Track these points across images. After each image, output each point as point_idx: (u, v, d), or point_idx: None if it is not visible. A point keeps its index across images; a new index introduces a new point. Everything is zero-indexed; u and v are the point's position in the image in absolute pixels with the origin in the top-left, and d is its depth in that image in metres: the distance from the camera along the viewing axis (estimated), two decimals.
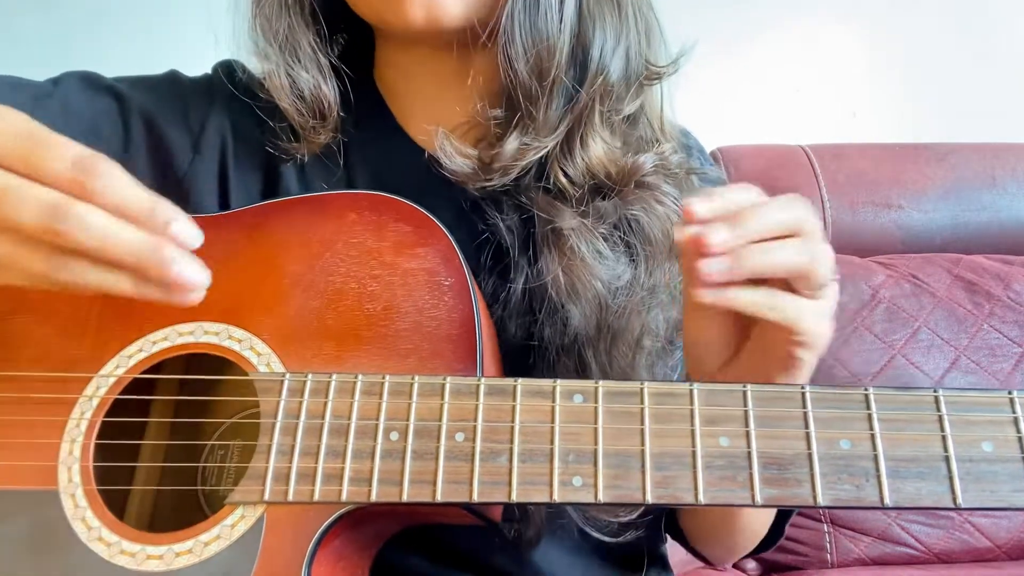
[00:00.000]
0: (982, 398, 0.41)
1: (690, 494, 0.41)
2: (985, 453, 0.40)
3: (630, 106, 0.60)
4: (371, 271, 0.50)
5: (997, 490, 0.39)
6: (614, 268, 0.56)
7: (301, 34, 0.61)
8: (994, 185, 1.27)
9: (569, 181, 0.57)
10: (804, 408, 0.42)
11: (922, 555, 1.11)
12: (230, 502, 0.44)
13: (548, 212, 0.57)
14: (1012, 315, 1.18)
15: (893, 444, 0.40)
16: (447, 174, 0.57)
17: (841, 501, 0.40)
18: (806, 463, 0.41)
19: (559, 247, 0.55)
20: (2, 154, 0.37)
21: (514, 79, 0.56)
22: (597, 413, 0.43)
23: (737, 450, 0.41)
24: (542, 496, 0.42)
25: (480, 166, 0.57)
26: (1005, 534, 1.11)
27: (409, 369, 0.47)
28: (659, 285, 0.57)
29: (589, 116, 0.57)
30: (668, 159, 0.60)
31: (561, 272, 0.55)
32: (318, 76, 0.60)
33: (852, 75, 1.58)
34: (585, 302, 0.55)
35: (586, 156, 0.57)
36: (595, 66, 0.57)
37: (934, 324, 1.17)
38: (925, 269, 1.21)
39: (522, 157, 0.57)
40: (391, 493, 0.43)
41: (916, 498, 0.39)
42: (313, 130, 0.60)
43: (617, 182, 0.58)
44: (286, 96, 0.60)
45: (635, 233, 0.57)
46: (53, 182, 0.37)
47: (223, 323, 0.49)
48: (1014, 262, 1.24)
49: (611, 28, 0.58)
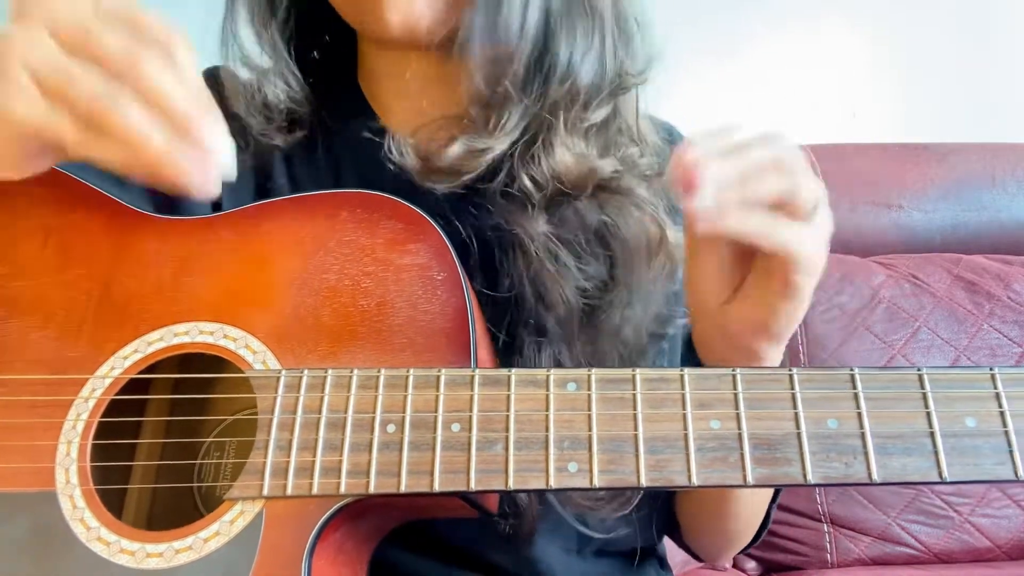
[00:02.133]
0: (964, 375, 0.42)
1: (683, 476, 0.42)
2: (969, 428, 0.41)
3: (599, 112, 0.59)
4: (364, 268, 0.50)
5: (981, 463, 0.40)
6: (584, 272, 0.56)
7: (271, 37, 0.62)
8: (994, 185, 1.28)
9: (535, 186, 0.57)
10: (792, 389, 0.43)
11: (922, 555, 1.11)
12: (229, 498, 0.44)
13: (513, 219, 0.57)
14: (1012, 315, 1.19)
15: (879, 422, 0.42)
16: (392, 168, 0.57)
17: (830, 479, 0.41)
18: (795, 443, 0.41)
19: (525, 255, 0.56)
20: (61, 35, 0.38)
21: (469, 83, 0.56)
22: (591, 400, 0.44)
23: (728, 432, 0.42)
24: (538, 483, 0.42)
25: (425, 165, 0.57)
26: (1005, 534, 1.12)
27: (404, 363, 0.47)
28: (637, 283, 0.57)
29: (553, 122, 0.57)
30: (635, 163, 0.60)
31: (527, 281, 0.55)
32: (285, 78, 0.61)
33: (852, 75, 1.59)
34: (556, 309, 0.55)
35: (551, 162, 0.57)
36: (560, 73, 0.57)
37: (934, 324, 1.18)
38: (925, 269, 1.22)
39: (469, 159, 0.57)
40: (389, 484, 0.43)
41: (903, 474, 0.40)
42: (279, 131, 0.61)
43: (577, 186, 0.57)
44: (243, 99, 0.61)
45: (612, 235, 0.58)
46: (102, 67, 0.38)
47: (218, 322, 0.50)
48: (1014, 262, 1.24)
49: (582, 35, 0.57)
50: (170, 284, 0.51)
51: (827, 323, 1.16)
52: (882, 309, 1.18)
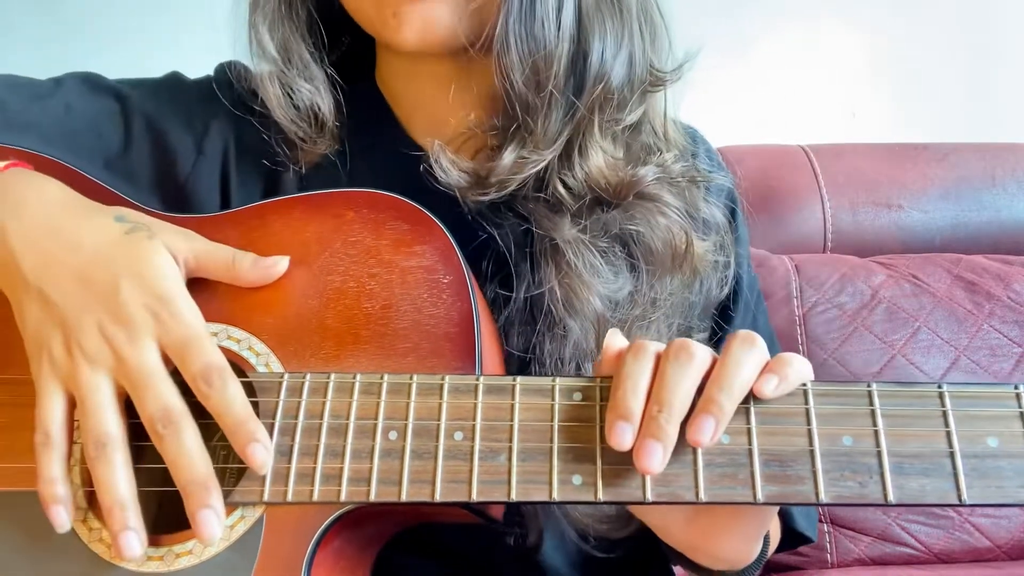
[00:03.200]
0: (987, 392, 0.40)
1: (690, 492, 0.40)
2: (991, 448, 0.39)
3: (633, 114, 0.58)
4: (369, 270, 0.49)
5: (1003, 486, 0.39)
6: (613, 283, 0.55)
7: (298, 44, 0.60)
8: (994, 185, 1.27)
9: (568, 192, 0.56)
10: (806, 404, 0.41)
11: (922, 555, 1.10)
12: (229, 503, 0.44)
13: (546, 224, 0.55)
14: (1012, 315, 1.18)
15: (896, 440, 0.40)
16: (437, 187, 0.56)
17: (844, 499, 0.39)
18: (808, 460, 0.40)
19: (556, 261, 0.54)
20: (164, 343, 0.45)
21: (510, 90, 0.54)
22: (597, 411, 0.43)
23: (738, 447, 0.41)
24: (542, 495, 0.41)
25: (475, 180, 0.56)
26: (1005, 534, 1.11)
27: (408, 368, 0.46)
28: (661, 297, 0.56)
29: (589, 126, 0.56)
30: (670, 169, 0.58)
31: (558, 286, 0.54)
32: (314, 87, 0.60)
33: (852, 75, 1.58)
34: (583, 317, 0.54)
35: (586, 167, 0.56)
36: (595, 73, 0.55)
37: (934, 324, 1.16)
38: (925, 269, 1.21)
39: (520, 171, 0.55)
40: (390, 493, 0.43)
41: (920, 495, 0.39)
42: (310, 140, 0.60)
43: (617, 194, 0.56)
44: (280, 108, 0.59)
45: (637, 244, 0.56)
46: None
47: (222, 323, 0.49)
48: (1014, 262, 1.23)
49: (612, 33, 0.56)
50: None
51: (827, 323, 1.16)
52: (882, 309, 1.17)
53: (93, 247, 0.47)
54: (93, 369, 0.44)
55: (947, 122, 1.53)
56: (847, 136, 1.38)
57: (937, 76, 1.57)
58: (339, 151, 0.61)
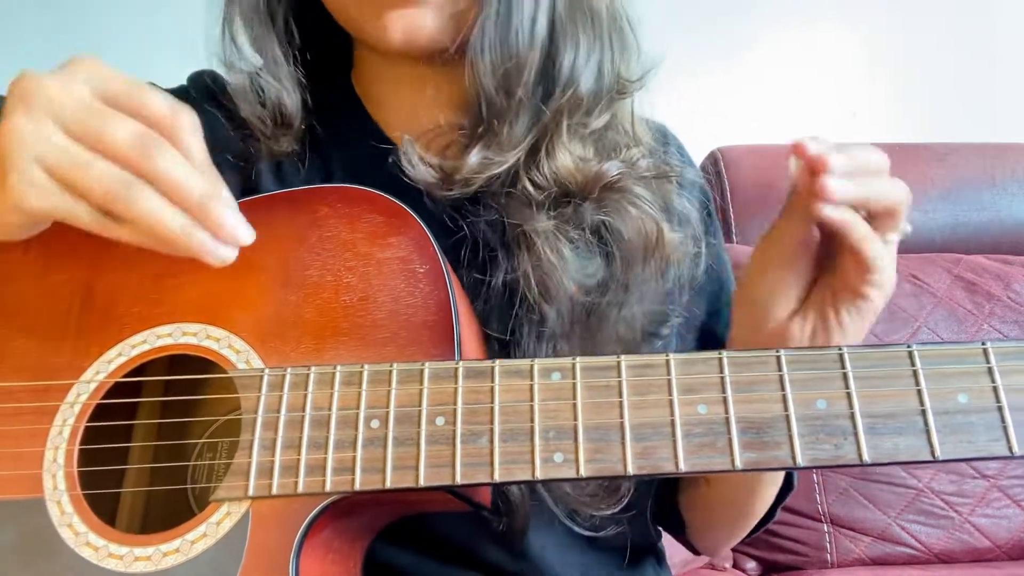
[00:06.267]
0: (956, 350, 0.41)
1: (670, 463, 0.41)
2: (961, 404, 0.40)
3: (600, 119, 0.59)
4: (346, 263, 0.50)
5: (974, 440, 0.39)
6: (586, 268, 0.56)
7: (270, 43, 0.61)
8: (994, 185, 1.28)
9: (537, 188, 0.57)
10: (779, 371, 0.42)
11: (922, 555, 1.11)
12: (215, 499, 0.44)
13: (518, 216, 0.57)
14: (1012, 315, 1.19)
15: (869, 401, 0.41)
16: (408, 181, 0.57)
17: (820, 461, 0.40)
18: (784, 425, 0.41)
19: (529, 248, 0.55)
20: (68, 126, 0.41)
21: (481, 93, 0.56)
22: (576, 389, 0.43)
23: (715, 417, 0.41)
24: (524, 474, 0.42)
25: (442, 176, 0.57)
26: (1005, 534, 1.12)
27: (388, 357, 0.47)
28: (634, 282, 0.57)
29: (556, 129, 0.57)
30: (637, 164, 0.60)
31: (532, 272, 0.55)
32: (282, 85, 0.61)
33: (852, 75, 1.59)
34: (558, 302, 0.55)
35: (553, 166, 0.57)
36: (564, 81, 0.57)
37: (934, 324, 1.17)
38: (925, 269, 1.22)
39: (484, 171, 0.57)
40: (374, 480, 0.43)
41: (894, 454, 0.40)
42: (274, 137, 0.61)
43: (584, 188, 0.57)
44: (247, 103, 0.60)
45: (611, 233, 0.57)
46: (113, 157, 0.41)
47: (201, 323, 0.49)
48: (1014, 262, 1.24)
49: (583, 43, 0.57)
50: (153, 286, 0.51)
51: None
52: (882, 309, 1.18)
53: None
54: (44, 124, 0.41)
55: (947, 122, 1.53)
56: (847, 136, 1.40)
57: (937, 76, 1.58)
58: (313, 146, 0.62)
